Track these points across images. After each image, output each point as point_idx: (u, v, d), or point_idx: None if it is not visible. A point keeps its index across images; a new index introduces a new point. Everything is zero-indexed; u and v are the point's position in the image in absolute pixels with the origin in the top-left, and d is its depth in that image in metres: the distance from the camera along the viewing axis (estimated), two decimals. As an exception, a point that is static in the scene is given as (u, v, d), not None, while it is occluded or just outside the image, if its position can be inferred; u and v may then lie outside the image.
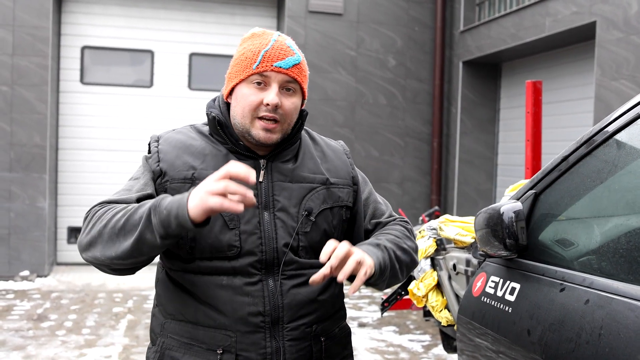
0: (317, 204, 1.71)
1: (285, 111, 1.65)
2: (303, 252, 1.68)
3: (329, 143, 1.88)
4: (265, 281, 1.63)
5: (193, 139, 1.73)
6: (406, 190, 8.88)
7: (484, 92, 8.52)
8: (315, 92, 8.46)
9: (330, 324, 1.75)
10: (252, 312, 1.61)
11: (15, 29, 7.66)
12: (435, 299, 2.76)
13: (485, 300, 1.99)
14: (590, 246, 1.69)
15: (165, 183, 1.66)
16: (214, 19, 8.69)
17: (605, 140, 1.69)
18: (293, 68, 1.64)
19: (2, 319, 6.04)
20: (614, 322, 1.43)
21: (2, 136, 7.66)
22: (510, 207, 1.81)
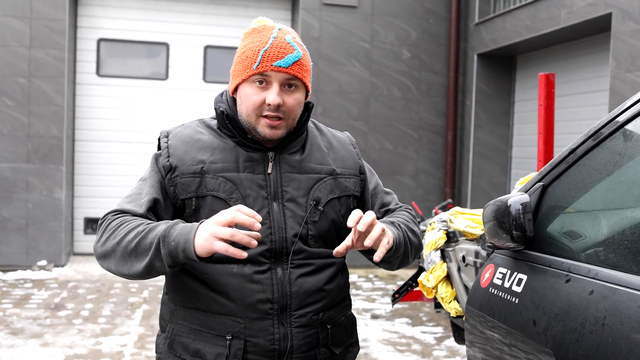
0: (324, 193, 1.75)
1: (288, 108, 1.68)
2: (312, 241, 1.72)
3: (336, 134, 1.92)
4: (274, 269, 1.67)
5: (201, 133, 1.77)
6: (420, 183, 8.88)
7: (499, 85, 8.49)
8: (329, 85, 8.47)
9: (336, 312, 1.79)
10: (261, 300, 1.66)
11: (33, 21, 7.75)
12: (445, 290, 2.79)
13: (493, 291, 2.01)
14: (596, 238, 1.71)
15: (175, 178, 1.70)
16: (229, 12, 8.73)
17: (613, 132, 1.70)
18: (293, 66, 1.66)
19: (20, 307, 6.15)
20: (617, 313, 1.45)
21: (19, 128, 7.76)
22: (517, 199, 1.83)
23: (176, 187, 1.70)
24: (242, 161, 1.72)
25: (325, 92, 8.47)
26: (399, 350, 5.34)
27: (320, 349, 1.74)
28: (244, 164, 1.71)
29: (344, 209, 1.79)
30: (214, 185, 1.69)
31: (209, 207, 1.68)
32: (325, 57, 8.45)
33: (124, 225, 1.61)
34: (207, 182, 1.69)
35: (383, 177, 8.68)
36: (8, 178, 7.75)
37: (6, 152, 7.75)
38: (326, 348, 1.75)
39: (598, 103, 6.80)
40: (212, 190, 1.68)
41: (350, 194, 1.81)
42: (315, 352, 1.73)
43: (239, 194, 1.68)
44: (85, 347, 5.04)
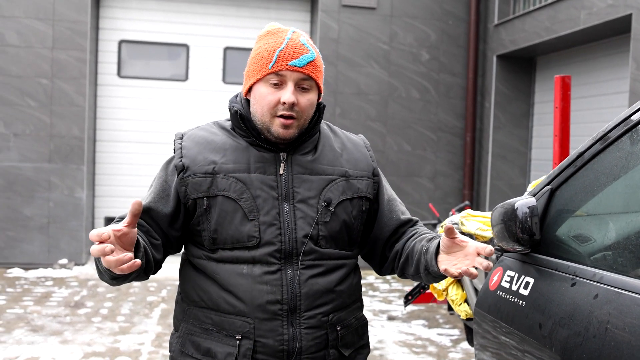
0: (336, 195, 1.75)
1: (302, 108, 1.70)
2: (323, 242, 1.73)
3: (350, 136, 1.92)
4: (284, 270, 1.69)
5: (215, 134, 1.80)
6: (438, 184, 8.86)
7: (518, 86, 8.44)
8: (348, 86, 8.49)
9: (347, 314, 1.80)
10: (270, 301, 1.67)
11: (55, 23, 7.87)
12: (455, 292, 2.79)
13: (501, 294, 2.02)
14: (602, 242, 1.71)
15: (187, 178, 1.72)
16: (249, 13, 8.78)
17: (620, 136, 1.70)
18: (307, 66, 1.69)
19: (41, 305, 6.25)
20: (621, 317, 1.45)
21: (42, 128, 7.89)
22: (524, 202, 1.83)
23: (187, 187, 1.72)
24: (253, 162, 1.73)
25: (343, 93, 8.49)
26: (414, 352, 5.34)
27: (330, 350, 1.74)
28: (255, 165, 1.73)
29: (355, 210, 1.79)
30: (225, 185, 1.70)
31: (220, 206, 1.70)
32: (343, 58, 8.47)
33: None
34: (218, 182, 1.71)
35: (401, 179, 8.73)
36: (30, 177, 7.88)
37: (29, 152, 7.88)
38: (335, 349, 1.76)
39: (617, 105, 6.73)
40: (223, 190, 1.70)
41: (362, 196, 1.81)
42: (325, 353, 1.74)
43: (249, 194, 1.70)
44: (104, 344, 5.11)
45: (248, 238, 1.68)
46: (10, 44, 7.81)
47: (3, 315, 5.84)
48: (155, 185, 1.79)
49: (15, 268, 7.78)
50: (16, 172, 7.87)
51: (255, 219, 1.69)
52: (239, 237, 1.69)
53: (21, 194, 7.88)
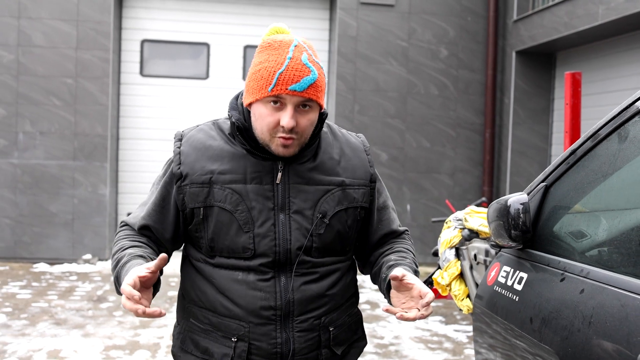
0: (331, 206, 1.76)
1: (302, 128, 1.68)
2: (316, 253, 1.75)
3: (350, 140, 1.89)
4: (277, 278, 1.73)
5: (213, 138, 1.79)
6: (457, 181, 8.85)
7: (538, 82, 8.39)
8: (366, 84, 8.53)
9: (340, 314, 1.84)
10: (264, 306, 1.72)
11: (79, 24, 8.03)
12: (458, 287, 2.83)
13: (497, 289, 2.06)
14: (592, 238, 1.74)
15: (185, 187, 1.75)
16: (268, 12, 8.86)
17: (609, 134, 1.73)
18: (308, 89, 1.65)
19: (65, 299, 6.41)
20: (603, 311, 1.48)
21: (66, 126, 8.06)
22: (516, 199, 1.87)
23: (185, 196, 1.74)
24: (250, 171, 1.73)
25: (362, 90, 8.53)
26: (430, 348, 5.37)
27: (322, 350, 1.79)
28: (252, 175, 1.73)
29: (350, 220, 1.80)
30: (221, 196, 1.72)
31: (216, 217, 1.73)
32: (362, 55, 8.50)
33: (115, 245, 1.78)
34: (214, 193, 1.72)
35: (420, 175, 8.74)
36: (55, 175, 8.07)
37: (54, 150, 8.06)
38: (327, 349, 1.80)
39: (638, 101, 6.66)
40: (219, 202, 1.72)
41: (358, 205, 1.81)
42: (317, 353, 1.79)
43: (244, 206, 1.71)
44: (124, 338, 5.24)
45: (243, 249, 1.72)
46: (36, 44, 8.00)
47: (28, 308, 6.01)
48: (157, 192, 1.81)
49: (41, 263, 7.97)
50: (42, 169, 8.06)
51: (250, 230, 1.71)
52: (235, 248, 1.72)
53: (47, 190, 8.07)
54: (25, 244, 8.08)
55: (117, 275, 1.66)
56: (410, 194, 8.71)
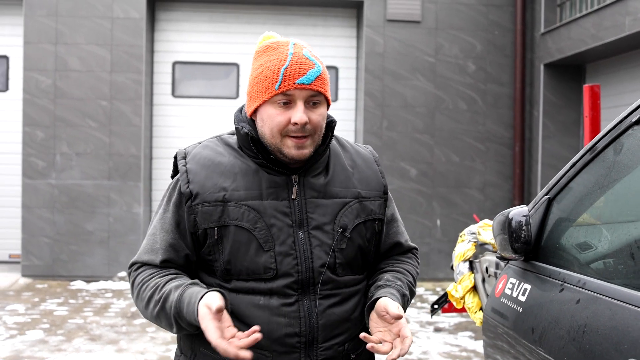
0: (350, 219, 1.68)
1: (314, 125, 1.61)
2: (340, 269, 1.67)
3: (359, 150, 1.83)
4: (301, 302, 1.62)
5: (221, 154, 1.69)
6: (488, 195, 8.82)
7: (567, 95, 8.34)
8: (394, 99, 8.58)
9: (360, 341, 1.66)
10: (288, 334, 1.61)
11: (113, 48, 8.30)
12: (472, 300, 2.86)
13: (504, 300, 2.09)
14: (589, 249, 1.77)
15: (197, 206, 1.63)
16: (296, 31, 9.00)
17: (605, 147, 1.77)
18: (315, 81, 1.59)
19: (100, 315, 6.58)
20: (596, 320, 1.52)
21: (102, 147, 8.31)
22: (518, 211, 1.91)
23: (197, 216, 1.63)
24: (265, 187, 1.64)
25: (390, 106, 8.59)
26: (458, 363, 5.36)
27: None
28: (268, 190, 1.64)
29: (369, 233, 1.73)
30: (237, 214, 1.61)
31: (232, 237, 1.62)
32: (389, 72, 8.57)
33: (145, 289, 1.65)
34: (229, 211, 1.62)
35: (450, 190, 8.74)
36: (91, 194, 8.30)
37: (90, 170, 8.30)
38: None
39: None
40: (236, 220, 1.61)
41: (375, 218, 1.75)
42: None
43: (263, 223, 1.61)
44: (156, 353, 5.35)
45: (265, 270, 1.61)
46: (73, 69, 8.28)
47: (65, 325, 6.18)
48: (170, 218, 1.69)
49: (78, 280, 8.19)
50: (78, 189, 8.30)
51: (271, 249, 1.61)
52: (255, 269, 1.61)
53: (83, 210, 8.30)
54: (63, 262, 8.31)
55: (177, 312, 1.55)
56: (440, 209, 8.70)
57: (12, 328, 6.02)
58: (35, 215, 8.28)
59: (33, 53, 8.23)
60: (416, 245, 1.94)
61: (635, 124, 1.63)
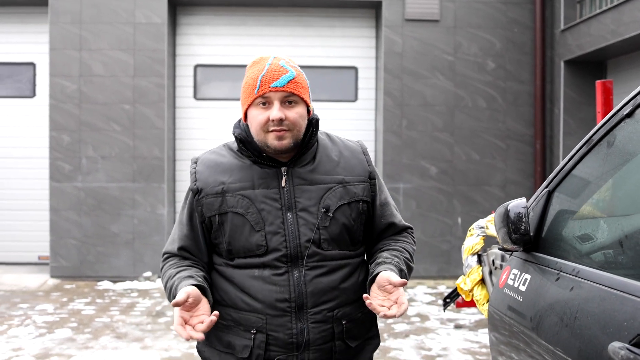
0: (334, 201, 1.95)
1: (291, 120, 1.89)
2: (325, 244, 1.93)
3: (347, 144, 2.10)
4: (290, 272, 1.91)
5: (223, 156, 2.03)
6: (509, 193, 8.80)
7: (588, 91, 8.29)
8: (413, 98, 8.62)
9: (353, 309, 1.98)
10: (279, 299, 1.90)
11: (136, 53, 8.47)
12: (480, 292, 2.90)
13: (507, 291, 2.15)
14: (583, 239, 1.82)
15: (202, 199, 1.97)
16: (315, 33, 9.09)
17: (600, 140, 1.81)
18: (288, 84, 1.88)
19: (126, 314, 6.72)
20: (586, 306, 1.57)
21: (126, 150, 8.48)
22: (516, 203, 1.97)
23: (203, 207, 1.96)
24: (257, 178, 1.95)
25: (409, 105, 8.62)
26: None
27: (336, 342, 1.94)
28: (259, 181, 1.94)
29: (354, 213, 1.98)
30: (233, 202, 1.93)
31: (231, 221, 1.93)
32: (408, 71, 8.61)
33: (163, 277, 2.00)
34: (227, 200, 1.94)
35: (471, 188, 8.74)
36: (117, 197, 8.48)
37: (115, 173, 8.48)
38: (342, 341, 1.95)
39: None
40: (232, 207, 1.93)
41: (360, 199, 1.99)
42: (331, 345, 1.94)
43: (254, 208, 1.92)
44: (180, 350, 5.47)
45: (257, 247, 1.91)
46: (97, 74, 8.47)
47: (92, 323, 6.34)
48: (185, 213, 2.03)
49: (105, 281, 8.36)
50: (104, 192, 8.49)
51: (261, 229, 1.90)
52: (249, 247, 1.92)
53: (109, 212, 8.48)
54: (90, 263, 8.50)
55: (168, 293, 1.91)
56: (461, 206, 8.71)
57: (42, 327, 6.19)
58: (62, 218, 8.48)
59: (58, 59, 8.44)
60: (411, 224, 2.17)
61: (627, 116, 1.67)
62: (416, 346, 5.71)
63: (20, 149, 9.04)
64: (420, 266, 8.62)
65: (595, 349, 1.43)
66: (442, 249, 8.68)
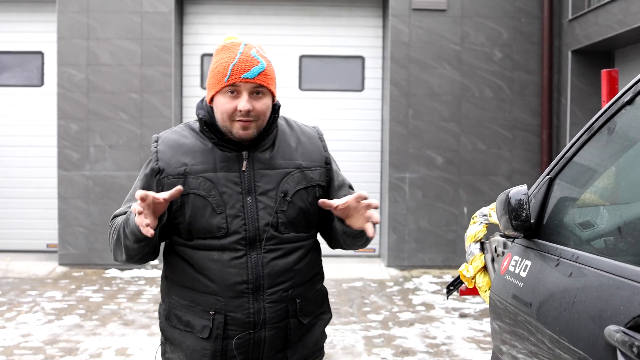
0: (292, 186, 2.01)
1: (258, 112, 1.95)
2: (283, 227, 2.00)
3: (304, 129, 2.16)
4: (249, 255, 1.97)
5: (185, 137, 2.05)
6: (515, 183, 8.79)
7: (595, 81, 8.26)
8: (420, 88, 8.61)
9: (306, 288, 2.08)
10: (237, 282, 1.96)
11: (143, 42, 8.49)
12: (482, 280, 2.92)
13: (508, 277, 2.17)
14: (583, 225, 1.84)
15: (163, 179, 1.99)
16: (322, 22, 9.09)
17: (601, 127, 1.83)
18: (259, 76, 1.92)
19: (133, 301, 6.79)
20: (585, 291, 1.59)
21: (133, 139, 8.52)
22: (517, 190, 1.99)
23: (164, 187, 1.97)
24: (219, 162, 1.99)
25: (416, 95, 8.62)
26: (482, 348, 5.42)
27: (290, 319, 2.03)
28: (221, 164, 1.98)
29: (311, 197, 2.05)
30: (195, 184, 1.97)
31: (192, 203, 1.97)
32: (415, 60, 8.60)
33: (112, 227, 2.05)
34: (189, 182, 1.97)
35: (477, 178, 8.75)
36: (124, 185, 8.52)
37: (122, 161, 8.53)
38: (295, 319, 2.04)
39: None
40: (194, 189, 1.97)
41: (316, 184, 2.07)
42: (286, 322, 2.03)
43: (216, 191, 1.97)
44: (186, 337, 5.53)
45: (217, 229, 1.95)
46: (104, 63, 8.51)
47: (100, 310, 6.41)
48: (139, 186, 2.05)
49: (113, 269, 8.43)
50: (111, 180, 8.54)
51: (222, 212, 1.95)
52: (210, 229, 1.96)
53: (116, 200, 8.53)
54: (98, 250, 8.56)
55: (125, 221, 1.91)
56: (467, 196, 8.72)
57: (50, 313, 6.27)
58: (70, 206, 8.55)
59: (66, 48, 8.48)
60: None
61: (628, 104, 1.69)
62: (421, 335, 5.75)
63: (29, 137, 9.09)
64: (426, 255, 8.65)
65: (592, 332, 1.45)
66: (448, 239, 8.70)
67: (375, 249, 9.26)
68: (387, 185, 8.69)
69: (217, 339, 1.98)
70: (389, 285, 7.78)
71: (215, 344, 1.98)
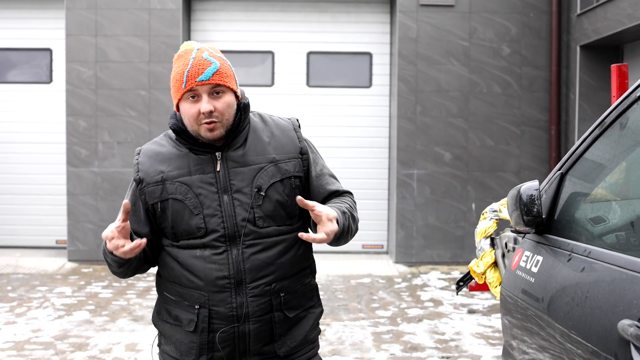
0: (266, 180, 2.06)
1: (220, 111, 2.00)
2: (260, 222, 2.05)
3: (279, 122, 2.20)
4: (229, 251, 2.04)
5: (163, 146, 2.15)
6: (524, 179, 8.77)
7: (604, 77, 8.22)
8: (428, 84, 8.60)
9: (291, 282, 2.12)
10: (219, 277, 2.03)
11: (151, 39, 8.51)
12: (492, 275, 2.93)
13: (519, 273, 2.17)
14: (595, 220, 1.84)
15: (144, 188, 2.10)
16: (330, 18, 9.08)
17: (612, 122, 1.83)
18: (213, 76, 1.98)
19: (142, 297, 6.82)
20: (597, 286, 1.59)
21: (141, 135, 8.55)
22: (528, 186, 1.99)
23: (145, 195, 2.09)
24: (193, 165, 2.07)
25: (424, 91, 8.61)
26: (490, 344, 5.42)
27: (275, 313, 2.08)
28: (195, 167, 2.07)
29: (287, 189, 2.09)
30: (172, 189, 2.06)
31: (172, 207, 2.06)
32: (423, 57, 8.59)
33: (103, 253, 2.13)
34: (167, 188, 2.07)
35: (485, 174, 8.74)
36: (133, 182, 8.55)
37: (130, 158, 8.53)
38: (280, 312, 2.09)
39: None
40: (172, 194, 2.06)
41: (291, 175, 2.11)
42: (270, 315, 2.07)
43: (192, 194, 2.05)
44: (195, 333, 5.55)
45: (197, 229, 2.04)
46: (112, 60, 8.53)
47: (109, 306, 6.44)
48: (128, 198, 2.15)
49: (121, 265, 8.46)
50: (120, 176, 8.57)
51: (200, 213, 2.03)
52: (190, 230, 2.05)
53: (124, 197, 8.56)
54: (107, 247, 8.59)
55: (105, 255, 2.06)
56: (475, 193, 8.71)
57: (60, 309, 6.31)
58: (79, 202, 8.58)
59: (74, 45, 8.50)
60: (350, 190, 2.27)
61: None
62: (429, 330, 5.75)
63: (38, 134, 9.13)
64: (434, 252, 8.64)
65: (605, 327, 1.45)
66: (456, 235, 8.69)
67: (383, 245, 9.26)
68: (395, 182, 8.69)
69: (202, 332, 2.05)
70: (397, 282, 7.78)
71: (202, 337, 2.06)
